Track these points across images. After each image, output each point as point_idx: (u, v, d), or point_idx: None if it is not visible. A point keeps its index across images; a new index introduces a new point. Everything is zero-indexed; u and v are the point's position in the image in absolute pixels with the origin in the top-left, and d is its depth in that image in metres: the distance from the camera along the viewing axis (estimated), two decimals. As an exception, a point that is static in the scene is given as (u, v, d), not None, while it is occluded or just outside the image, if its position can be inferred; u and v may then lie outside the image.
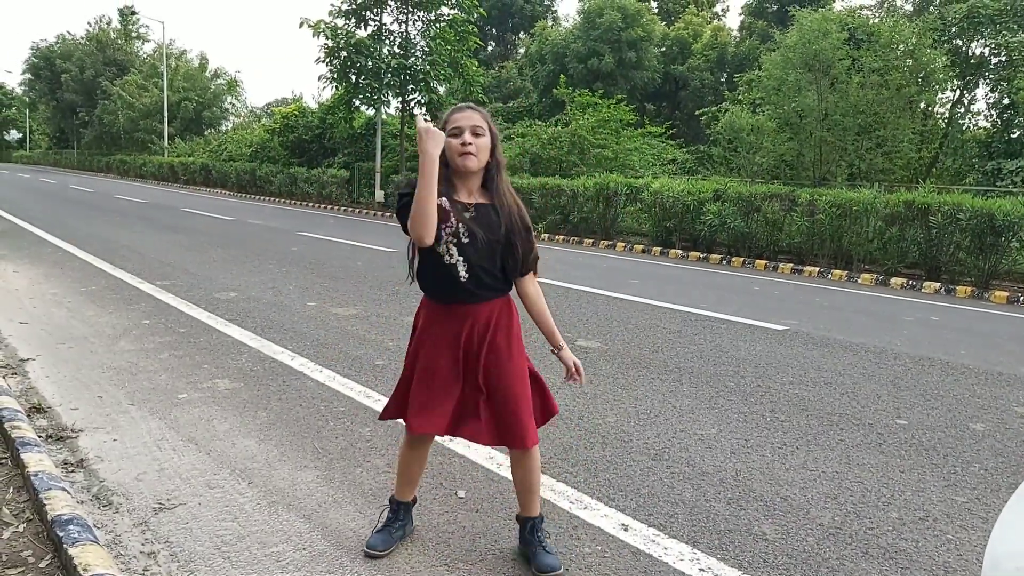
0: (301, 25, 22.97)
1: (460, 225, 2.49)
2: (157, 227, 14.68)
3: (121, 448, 3.58)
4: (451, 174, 2.54)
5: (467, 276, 2.51)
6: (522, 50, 44.51)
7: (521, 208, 2.62)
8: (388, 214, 22.41)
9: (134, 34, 56.25)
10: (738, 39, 35.97)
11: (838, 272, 12.26)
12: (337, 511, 3.03)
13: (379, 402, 4.38)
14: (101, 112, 48.55)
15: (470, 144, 2.48)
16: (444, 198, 2.48)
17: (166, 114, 43.64)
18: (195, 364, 5.06)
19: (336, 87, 24.53)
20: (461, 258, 2.50)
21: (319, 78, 26.51)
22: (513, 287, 2.68)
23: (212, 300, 7.28)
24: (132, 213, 18.14)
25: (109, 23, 56.31)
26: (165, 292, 7.57)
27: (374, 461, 3.54)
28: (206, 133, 45.45)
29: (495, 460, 3.60)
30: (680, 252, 14.49)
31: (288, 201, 26.90)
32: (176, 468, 3.38)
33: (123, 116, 46.30)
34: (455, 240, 2.49)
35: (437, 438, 3.83)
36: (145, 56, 54.85)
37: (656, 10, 42.05)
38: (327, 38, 23.07)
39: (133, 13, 55.76)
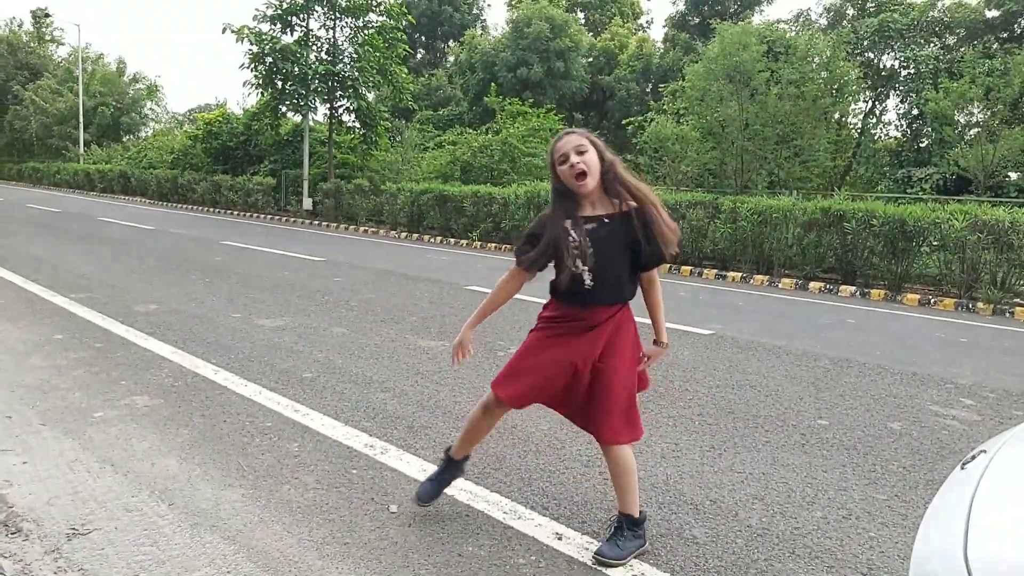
0: (224, 31, 22.43)
1: (583, 239, 2.68)
2: (72, 237, 14.09)
3: (32, 471, 3.40)
4: (574, 195, 2.72)
5: (591, 284, 2.72)
6: (452, 58, 44.55)
7: (648, 208, 2.70)
8: (316, 222, 22.05)
9: (48, 37, 54.04)
10: (662, 51, 36.78)
11: (760, 277, 12.61)
12: (264, 531, 2.93)
13: (307, 416, 4.28)
14: (12, 118, 46.55)
15: (579, 162, 2.64)
16: (569, 219, 2.70)
17: (81, 120, 42.10)
18: (112, 380, 4.85)
19: (261, 93, 24.05)
20: (585, 268, 2.70)
21: (244, 84, 25.84)
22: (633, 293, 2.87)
23: (130, 313, 7.01)
24: (45, 223, 17.37)
25: (21, 25, 53.93)
26: (80, 305, 7.25)
27: (302, 477, 3.45)
28: (124, 140, 43.98)
29: (428, 473, 3.55)
30: (609, 259, 14.63)
31: (212, 210, 26.20)
32: (91, 491, 3.22)
33: (36, 122, 44.55)
34: (579, 252, 2.68)
35: (375, 454, 3.76)
36: (60, 60, 52.71)
37: (583, 21, 42.70)
38: (251, 43, 22.60)
39: (47, 15, 53.53)
